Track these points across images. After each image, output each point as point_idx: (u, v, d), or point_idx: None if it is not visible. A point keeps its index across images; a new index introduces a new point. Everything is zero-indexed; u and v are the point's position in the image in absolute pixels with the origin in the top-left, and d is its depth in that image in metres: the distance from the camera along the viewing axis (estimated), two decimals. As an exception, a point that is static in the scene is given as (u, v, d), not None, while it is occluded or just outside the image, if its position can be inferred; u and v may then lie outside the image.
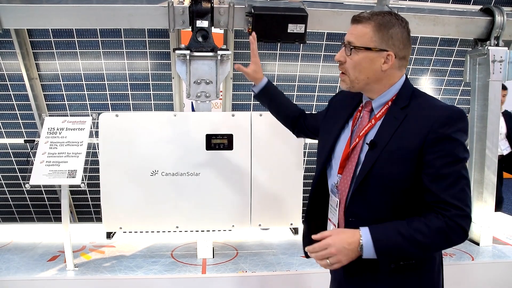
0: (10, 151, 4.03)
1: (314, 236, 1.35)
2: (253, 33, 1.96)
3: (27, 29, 3.41)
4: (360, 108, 1.56)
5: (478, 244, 3.06)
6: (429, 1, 3.32)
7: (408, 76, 3.85)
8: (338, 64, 1.49)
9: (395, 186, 1.38)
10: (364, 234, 1.31)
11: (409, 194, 1.39)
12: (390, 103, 1.46)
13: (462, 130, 1.35)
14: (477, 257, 2.84)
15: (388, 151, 1.37)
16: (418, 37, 3.57)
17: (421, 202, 1.38)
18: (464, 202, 1.32)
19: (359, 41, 1.41)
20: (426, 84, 3.88)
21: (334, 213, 1.51)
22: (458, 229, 1.30)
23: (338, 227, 1.50)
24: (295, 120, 1.95)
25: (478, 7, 3.22)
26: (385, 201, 1.39)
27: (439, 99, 3.83)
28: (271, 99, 2.00)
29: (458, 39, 3.62)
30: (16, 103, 3.77)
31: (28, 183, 2.50)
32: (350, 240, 1.31)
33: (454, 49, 3.69)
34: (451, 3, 3.35)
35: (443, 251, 2.84)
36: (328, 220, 1.59)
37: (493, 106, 3.01)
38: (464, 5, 3.37)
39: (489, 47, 3.01)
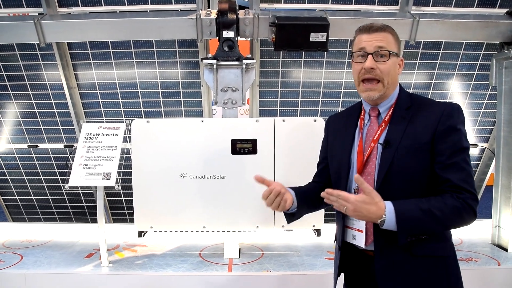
0: (51, 155, 4.27)
1: (357, 178, 1.40)
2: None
3: (67, 42, 3.64)
4: (362, 116, 1.64)
5: (506, 250, 3.02)
6: (453, 6, 3.32)
7: (433, 81, 3.86)
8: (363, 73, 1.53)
9: (415, 179, 1.49)
10: (388, 209, 1.39)
11: (428, 185, 1.49)
12: (394, 105, 1.55)
13: (463, 122, 1.50)
14: (504, 263, 2.80)
15: (403, 147, 1.48)
16: (442, 42, 3.57)
17: (435, 191, 1.48)
18: (473, 186, 1.46)
19: (388, 46, 1.52)
20: (452, 89, 3.85)
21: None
22: (470, 210, 1.43)
23: (366, 229, 1.55)
24: (323, 186, 1.69)
25: (504, 10, 3.19)
26: (408, 195, 1.47)
27: (465, 103, 3.84)
28: (305, 204, 1.74)
29: (484, 43, 3.59)
30: (56, 111, 4.01)
31: (67, 184, 2.68)
32: (372, 211, 1.39)
33: (480, 53, 3.65)
34: (476, 7, 3.33)
35: (468, 256, 2.86)
36: (346, 228, 1.62)
37: (520, 110, 2.98)
38: (489, 9, 3.35)
39: (515, 50, 2.99)
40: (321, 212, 2.72)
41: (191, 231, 2.76)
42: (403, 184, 1.48)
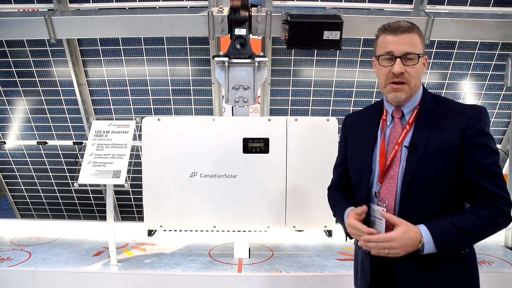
0: (60, 152, 4.26)
1: (384, 214, 1.43)
2: None
3: (77, 38, 3.62)
4: (384, 117, 1.58)
5: (520, 252, 2.98)
6: (468, 5, 3.25)
7: (447, 81, 3.79)
8: (391, 75, 1.46)
9: (442, 183, 1.44)
10: (424, 233, 1.37)
11: (455, 190, 1.46)
12: (418, 107, 1.51)
13: (489, 125, 1.46)
14: (518, 266, 2.77)
15: (430, 150, 1.43)
16: (457, 41, 3.51)
17: (466, 196, 1.46)
18: (506, 190, 1.43)
19: (417, 49, 1.46)
20: (465, 89, 3.79)
21: (380, 222, 1.51)
22: (504, 217, 1.41)
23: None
24: (348, 190, 1.77)
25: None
26: (434, 200, 1.44)
27: (479, 104, 3.77)
28: None
29: (499, 43, 3.52)
30: (66, 108, 4.00)
31: (77, 182, 2.66)
32: (413, 238, 1.37)
33: (495, 53, 3.59)
34: (492, 6, 3.27)
35: (480, 259, 2.81)
36: None
37: (535, 111, 2.94)
38: (505, 8, 3.28)
39: (532, 51, 2.95)
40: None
41: (201, 231, 2.73)
42: (429, 189, 1.43)
